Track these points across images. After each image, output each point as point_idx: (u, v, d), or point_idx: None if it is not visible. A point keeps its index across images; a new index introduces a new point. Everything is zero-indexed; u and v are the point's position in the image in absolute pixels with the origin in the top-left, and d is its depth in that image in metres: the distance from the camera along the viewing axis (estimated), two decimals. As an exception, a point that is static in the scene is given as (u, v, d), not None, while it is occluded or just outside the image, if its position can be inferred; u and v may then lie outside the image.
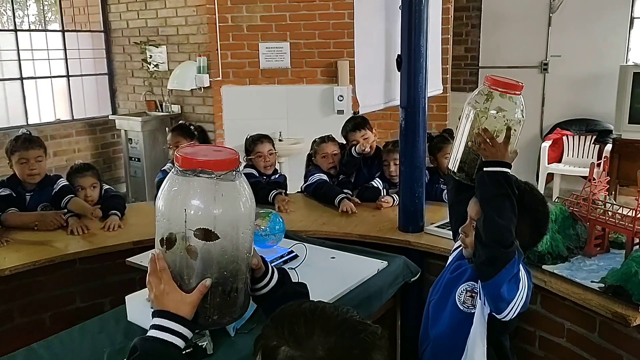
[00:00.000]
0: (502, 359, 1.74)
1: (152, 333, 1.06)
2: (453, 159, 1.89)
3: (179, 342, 1.07)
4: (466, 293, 1.72)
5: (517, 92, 1.75)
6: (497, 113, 1.74)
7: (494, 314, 1.64)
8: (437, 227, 2.65)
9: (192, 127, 3.45)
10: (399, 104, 2.63)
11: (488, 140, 1.72)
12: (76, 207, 2.94)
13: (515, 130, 1.75)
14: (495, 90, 1.74)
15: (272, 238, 2.27)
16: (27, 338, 1.83)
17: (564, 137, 5.93)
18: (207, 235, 1.06)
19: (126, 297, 1.80)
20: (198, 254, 1.08)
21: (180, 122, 3.80)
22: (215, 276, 1.10)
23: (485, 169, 1.69)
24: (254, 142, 3.44)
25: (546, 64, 6.14)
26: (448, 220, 2.17)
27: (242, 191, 1.11)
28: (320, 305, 0.99)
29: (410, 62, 2.51)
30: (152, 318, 1.09)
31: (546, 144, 5.85)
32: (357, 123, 3.48)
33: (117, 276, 2.75)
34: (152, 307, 1.12)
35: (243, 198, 1.11)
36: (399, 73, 2.56)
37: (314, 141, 3.52)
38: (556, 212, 2.22)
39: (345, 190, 3.25)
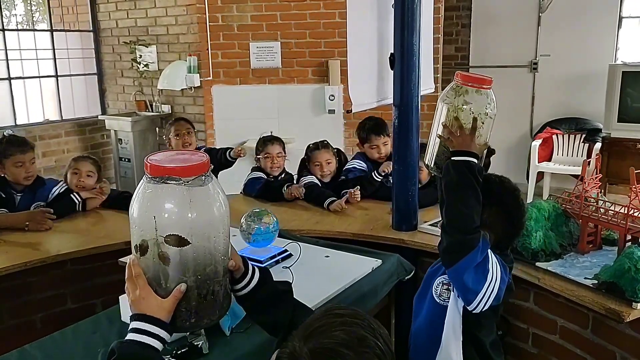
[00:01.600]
0: (482, 355, 1.73)
1: (130, 336, 1.08)
2: (429, 155, 1.93)
3: (157, 345, 1.08)
4: (442, 286, 1.72)
5: (485, 86, 1.79)
6: (465, 106, 1.78)
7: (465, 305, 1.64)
8: (431, 225, 2.65)
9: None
10: (391, 102, 2.63)
11: (454, 130, 1.75)
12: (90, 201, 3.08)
13: (483, 123, 1.78)
14: (464, 85, 1.79)
15: (276, 234, 2.28)
16: (17, 340, 1.80)
17: (554, 136, 5.97)
18: (178, 241, 1.08)
19: (120, 297, 1.79)
20: (170, 259, 1.09)
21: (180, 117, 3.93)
22: (191, 280, 1.11)
23: (452, 158, 1.71)
24: (264, 143, 3.45)
25: (536, 63, 6.17)
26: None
27: (215, 196, 1.12)
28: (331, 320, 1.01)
29: (403, 60, 2.51)
30: (130, 322, 1.10)
31: (536, 143, 5.88)
32: (378, 124, 3.30)
33: (109, 277, 2.73)
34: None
35: (217, 203, 1.12)
36: (392, 71, 2.57)
37: (308, 147, 3.45)
38: (549, 210, 2.23)
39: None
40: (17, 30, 6.44)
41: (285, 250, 2.29)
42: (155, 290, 1.10)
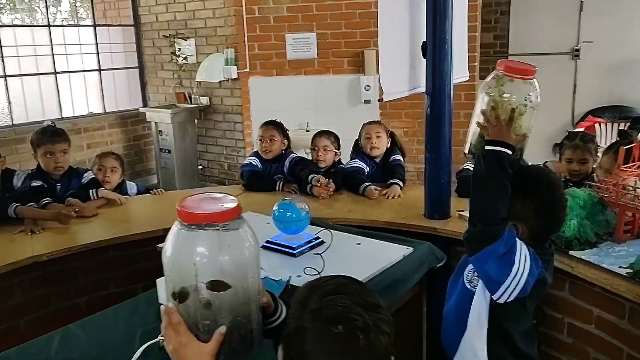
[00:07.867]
0: (508, 345, 1.70)
1: None
2: (467, 143, 1.92)
3: None
4: (473, 272, 1.72)
5: (527, 77, 1.76)
6: (505, 96, 1.76)
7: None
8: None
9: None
10: (424, 91, 2.63)
11: (490, 119, 1.73)
12: (105, 195, 3.12)
13: (522, 114, 1.76)
14: (505, 74, 1.76)
15: (308, 222, 2.32)
16: (64, 322, 1.87)
17: (596, 125, 5.82)
18: (218, 286, 1.08)
19: (157, 280, 1.86)
20: (211, 304, 1.09)
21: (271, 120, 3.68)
22: (229, 321, 1.11)
23: (484, 147, 1.70)
24: (314, 137, 3.53)
25: (577, 50, 6.02)
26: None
27: (246, 237, 1.12)
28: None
29: (435, 49, 2.50)
30: None
31: (578, 132, 5.74)
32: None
33: (149, 263, 2.79)
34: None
35: (247, 243, 1.12)
36: (424, 60, 2.56)
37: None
38: (584, 198, 2.20)
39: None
40: (62, 25, 6.64)
41: (317, 238, 2.32)
42: (195, 335, 1.10)
